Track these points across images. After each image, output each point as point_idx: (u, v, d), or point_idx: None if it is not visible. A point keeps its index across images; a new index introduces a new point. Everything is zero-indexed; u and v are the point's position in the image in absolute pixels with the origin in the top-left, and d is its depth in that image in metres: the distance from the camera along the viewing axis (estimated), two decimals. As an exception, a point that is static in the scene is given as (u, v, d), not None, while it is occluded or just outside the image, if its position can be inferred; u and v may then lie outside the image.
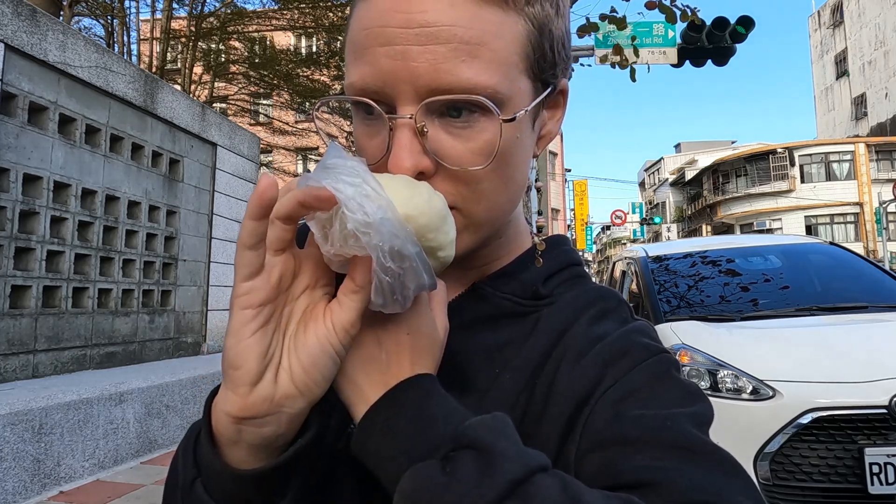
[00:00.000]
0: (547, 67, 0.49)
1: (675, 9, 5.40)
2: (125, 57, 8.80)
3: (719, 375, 2.84)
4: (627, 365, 0.47)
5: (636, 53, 6.42)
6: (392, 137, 0.45)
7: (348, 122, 13.14)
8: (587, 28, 6.12)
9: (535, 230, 0.66)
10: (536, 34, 0.47)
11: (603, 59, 6.21)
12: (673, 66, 7.77)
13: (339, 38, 10.33)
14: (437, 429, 0.40)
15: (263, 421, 0.39)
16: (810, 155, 30.89)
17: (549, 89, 0.50)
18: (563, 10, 0.51)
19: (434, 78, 0.43)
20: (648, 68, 7.18)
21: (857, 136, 33.37)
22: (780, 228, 30.31)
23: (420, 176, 0.45)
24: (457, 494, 0.36)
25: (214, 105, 11.84)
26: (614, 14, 5.80)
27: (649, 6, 5.43)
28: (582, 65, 6.68)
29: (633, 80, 6.24)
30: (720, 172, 35.16)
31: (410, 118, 0.44)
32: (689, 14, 5.56)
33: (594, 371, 0.48)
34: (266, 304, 0.39)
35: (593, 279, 0.67)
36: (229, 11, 10.83)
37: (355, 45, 0.47)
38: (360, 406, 0.42)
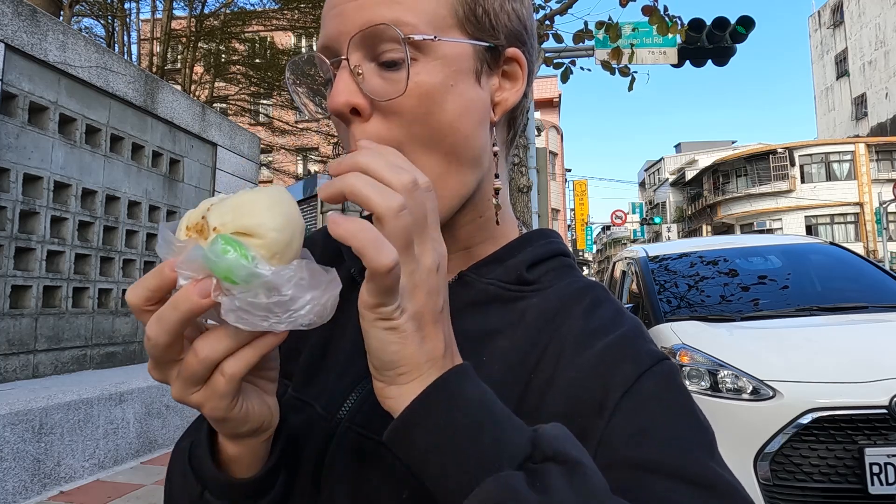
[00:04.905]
0: (484, 29, 0.52)
1: (666, 17, 5.43)
2: (125, 57, 8.79)
3: (719, 375, 2.84)
4: (634, 371, 0.47)
5: (630, 59, 6.44)
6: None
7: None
8: (582, 35, 6.17)
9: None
10: None
11: (605, 65, 6.24)
12: (673, 66, 7.75)
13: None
14: (504, 431, 0.39)
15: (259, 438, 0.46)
16: (810, 155, 30.88)
17: (487, 46, 0.53)
18: None
19: (360, 21, 0.48)
20: (648, 78, 7.20)
21: (858, 136, 33.37)
22: (781, 228, 30.29)
23: (355, 113, 0.50)
24: None
25: (215, 105, 11.83)
26: (610, 22, 5.85)
27: (645, 11, 5.45)
28: (582, 68, 6.70)
29: (630, 89, 6.28)
30: (720, 172, 35.15)
31: (344, 59, 0.49)
32: (679, 28, 5.63)
33: (598, 374, 0.47)
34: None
35: (593, 279, 0.67)
36: (230, 12, 10.83)
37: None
38: (400, 395, 0.40)
